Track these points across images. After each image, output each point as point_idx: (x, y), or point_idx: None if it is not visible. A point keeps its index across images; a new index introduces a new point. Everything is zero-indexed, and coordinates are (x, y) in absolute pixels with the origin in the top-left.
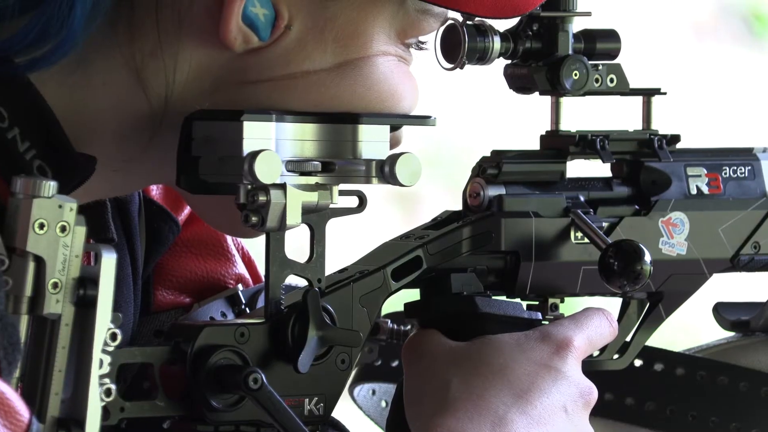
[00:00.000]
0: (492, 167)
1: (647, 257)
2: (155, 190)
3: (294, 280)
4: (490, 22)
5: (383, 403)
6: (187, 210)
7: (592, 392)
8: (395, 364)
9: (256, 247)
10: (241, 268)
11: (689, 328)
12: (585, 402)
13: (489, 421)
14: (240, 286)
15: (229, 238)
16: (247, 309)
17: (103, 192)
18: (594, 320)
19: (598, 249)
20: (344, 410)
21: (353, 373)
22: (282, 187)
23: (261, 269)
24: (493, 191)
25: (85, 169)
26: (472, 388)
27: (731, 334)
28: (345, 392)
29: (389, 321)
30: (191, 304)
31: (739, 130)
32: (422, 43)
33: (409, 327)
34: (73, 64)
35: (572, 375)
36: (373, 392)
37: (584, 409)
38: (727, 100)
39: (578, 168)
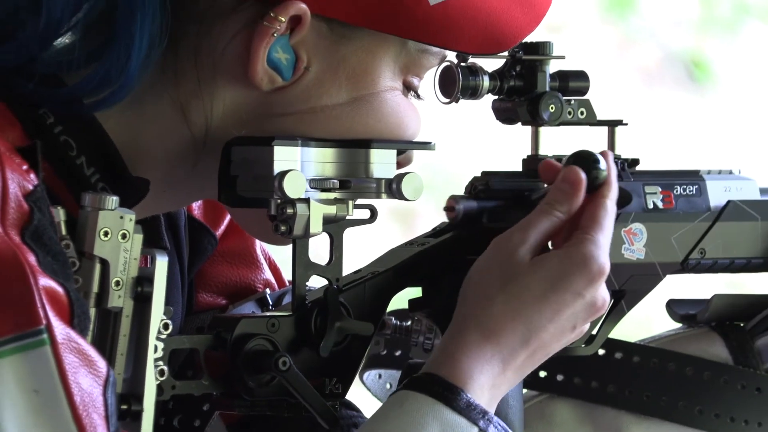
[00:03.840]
0: (482, 185)
1: (602, 164)
2: (197, 210)
3: (315, 280)
4: (479, 63)
5: (388, 386)
6: (223, 227)
7: (605, 304)
8: (398, 353)
9: (281, 255)
10: (268, 275)
11: (644, 321)
12: (594, 312)
13: (511, 344)
14: (267, 290)
15: (258, 249)
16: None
17: (156, 208)
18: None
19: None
20: (355, 393)
21: (362, 361)
22: (306, 201)
23: (285, 275)
24: (464, 205)
25: (140, 190)
26: (509, 310)
27: (679, 325)
28: (356, 377)
29: (393, 318)
30: (227, 305)
31: (684, 158)
32: (419, 96)
33: (409, 323)
34: (129, 103)
35: (595, 297)
36: (380, 376)
37: (590, 318)
38: (672, 133)
39: None
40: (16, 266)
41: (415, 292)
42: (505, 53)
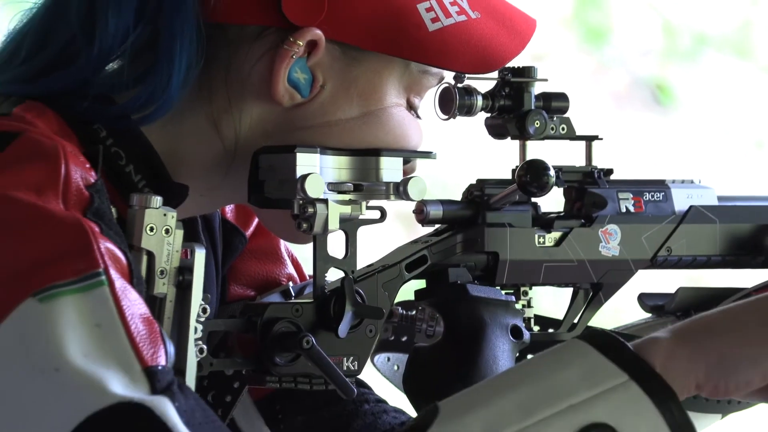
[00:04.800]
0: (477, 191)
1: (551, 170)
2: (229, 213)
3: (333, 272)
4: (474, 84)
5: (395, 367)
6: (251, 228)
7: None
8: (404, 339)
9: (301, 253)
10: (291, 270)
11: (616, 311)
12: None
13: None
14: (290, 283)
15: (282, 248)
16: None
17: (194, 210)
18: None
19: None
20: (367, 373)
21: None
22: (325, 201)
23: (306, 270)
24: (431, 207)
25: (181, 194)
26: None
27: (649, 315)
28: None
29: (400, 308)
30: (254, 296)
31: (651, 169)
32: (418, 116)
33: (414, 312)
34: (170, 119)
35: None
36: (388, 359)
37: None
38: (641, 147)
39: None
40: (78, 226)
41: (419, 284)
42: (496, 75)
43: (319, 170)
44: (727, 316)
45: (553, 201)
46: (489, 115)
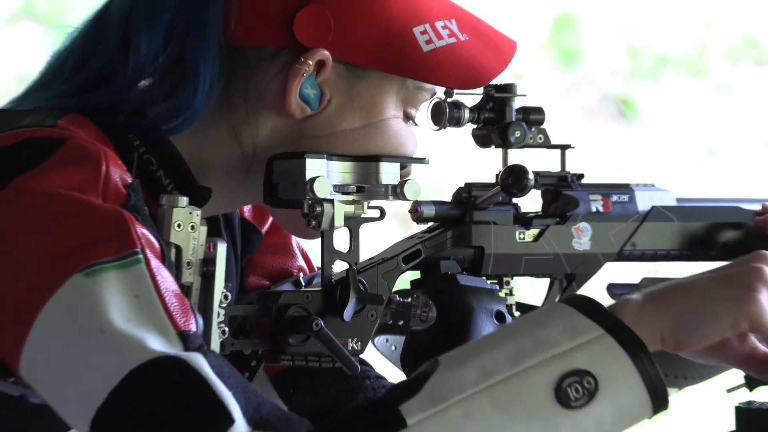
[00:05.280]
0: (465, 192)
1: (530, 174)
2: (247, 213)
3: (338, 264)
4: (462, 99)
5: (393, 348)
6: (266, 226)
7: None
8: (401, 323)
9: (310, 247)
10: (301, 262)
11: None
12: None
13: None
14: (301, 274)
15: (293, 243)
16: None
17: (216, 210)
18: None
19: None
20: (368, 354)
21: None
22: (331, 201)
23: (314, 262)
24: (424, 207)
25: (205, 196)
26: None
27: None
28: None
29: (397, 295)
30: (269, 285)
31: (617, 174)
32: (415, 123)
33: (410, 299)
34: (195, 129)
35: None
36: (387, 340)
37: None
38: (608, 155)
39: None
40: (117, 213)
41: (414, 275)
42: (481, 91)
43: (326, 174)
44: (690, 280)
45: (531, 202)
46: (475, 126)
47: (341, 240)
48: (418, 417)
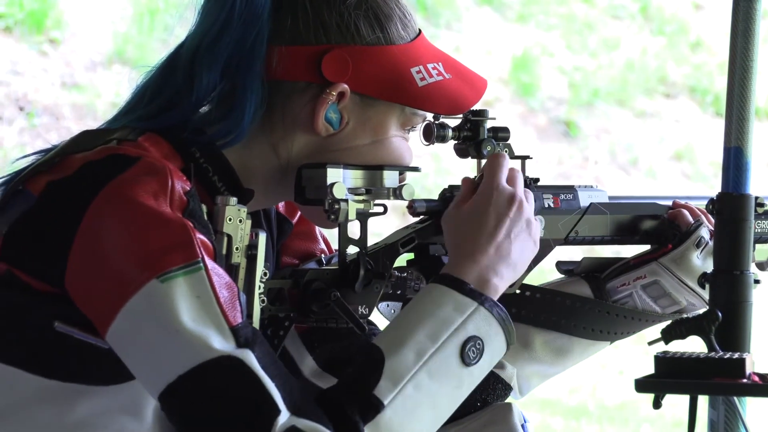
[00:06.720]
0: (449, 193)
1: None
2: (281, 207)
3: (351, 248)
4: (447, 121)
5: (393, 311)
6: (296, 218)
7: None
8: (399, 292)
9: (330, 234)
10: (322, 246)
11: (542, 272)
12: (512, 202)
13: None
14: (323, 255)
15: (317, 231)
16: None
17: (257, 206)
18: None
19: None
20: (374, 316)
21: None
22: (346, 201)
23: (332, 245)
24: (418, 204)
25: (249, 196)
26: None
27: (563, 276)
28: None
29: (396, 271)
30: (298, 264)
31: (564, 179)
32: (413, 128)
33: (405, 274)
34: (242, 145)
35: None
36: (388, 305)
37: (512, 208)
38: (556, 165)
39: None
40: (184, 227)
41: (409, 256)
42: (461, 116)
43: (342, 180)
44: (498, 253)
45: None
46: (456, 142)
47: (354, 229)
48: (389, 398)
